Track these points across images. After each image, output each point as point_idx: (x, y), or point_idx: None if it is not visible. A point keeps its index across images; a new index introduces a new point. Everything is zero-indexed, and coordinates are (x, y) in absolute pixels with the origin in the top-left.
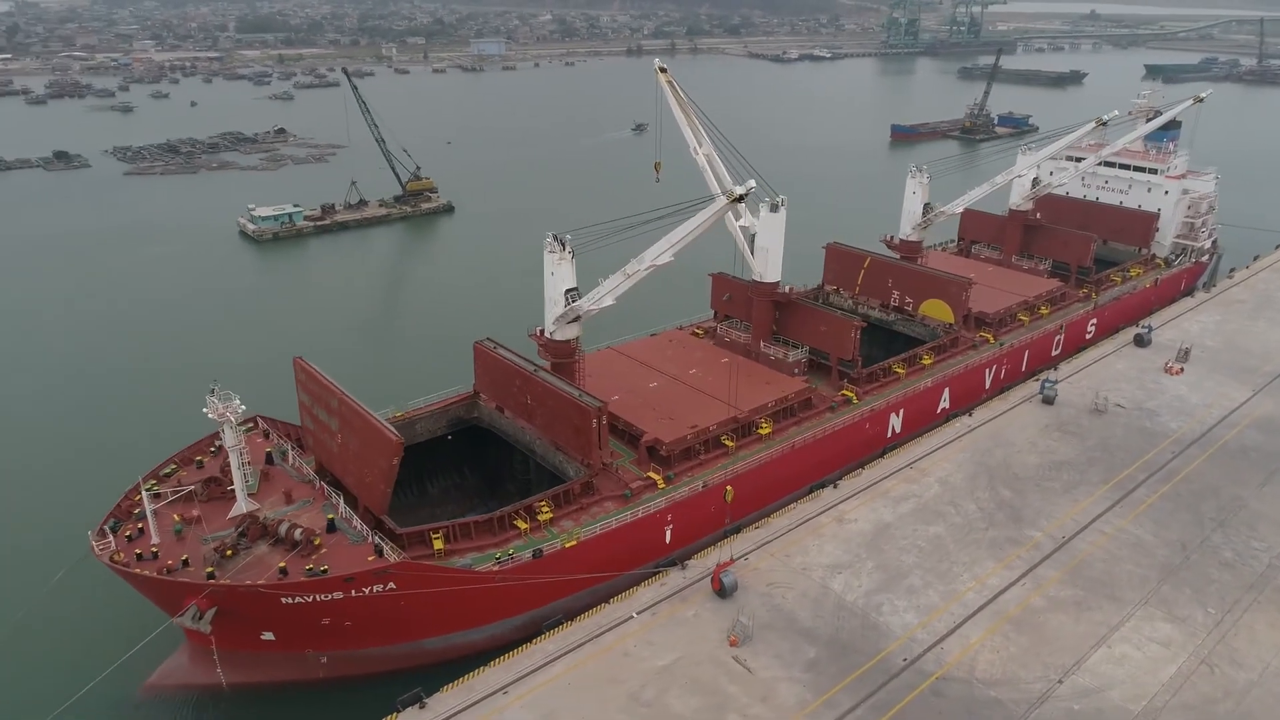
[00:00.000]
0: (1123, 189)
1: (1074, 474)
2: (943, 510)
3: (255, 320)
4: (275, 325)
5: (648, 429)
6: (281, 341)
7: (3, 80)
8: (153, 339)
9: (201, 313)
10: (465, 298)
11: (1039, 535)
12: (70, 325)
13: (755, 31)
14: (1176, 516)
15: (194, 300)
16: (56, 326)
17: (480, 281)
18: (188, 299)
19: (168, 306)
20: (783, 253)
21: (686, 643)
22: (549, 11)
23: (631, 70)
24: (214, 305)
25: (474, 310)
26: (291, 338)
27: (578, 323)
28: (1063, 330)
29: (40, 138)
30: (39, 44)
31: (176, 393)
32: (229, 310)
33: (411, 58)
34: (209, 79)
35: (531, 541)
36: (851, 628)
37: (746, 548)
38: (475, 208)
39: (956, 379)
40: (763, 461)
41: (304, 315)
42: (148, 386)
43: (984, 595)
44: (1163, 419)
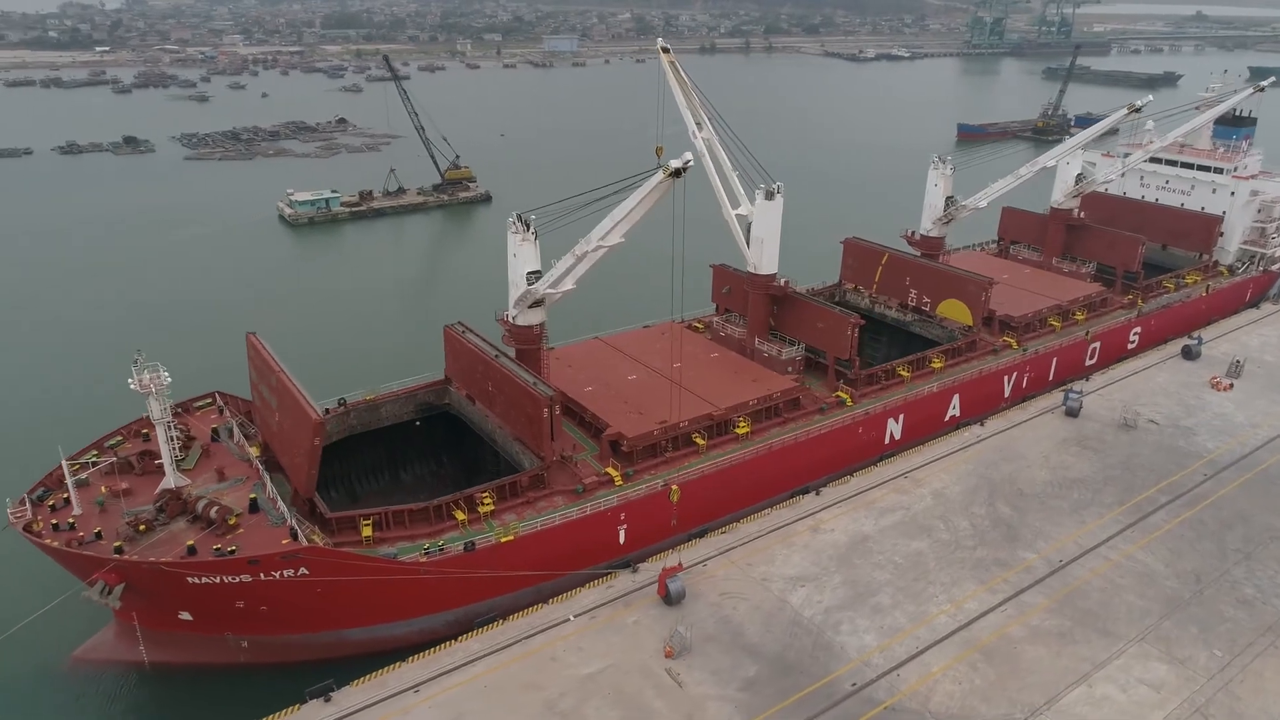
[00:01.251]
0: (1184, 189)
1: (1086, 493)
2: (930, 525)
3: (267, 299)
4: (287, 304)
5: (612, 422)
6: (289, 320)
7: (97, 71)
8: (157, 313)
9: (216, 291)
10: (485, 285)
11: (1033, 558)
12: (82, 299)
13: (835, 31)
14: (1196, 545)
15: (213, 278)
16: (66, 300)
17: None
18: (208, 277)
19: (186, 283)
20: (779, 243)
21: (620, 651)
22: (629, 10)
23: (703, 67)
24: (230, 284)
25: (490, 297)
26: (301, 318)
27: (541, 307)
28: (1095, 338)
29: (117, 124)
30: (137, 38)
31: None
32: (245, 288)
33: (484, 54)
34: (286, 72)
35: (468, 533)
36: (802, 646)
37: (707, 553)
38: (514, 197)
39: (968, 385)
40: (735, 462)
41: (320, 296)
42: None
43: (957, 620)
44: (1199, 438)
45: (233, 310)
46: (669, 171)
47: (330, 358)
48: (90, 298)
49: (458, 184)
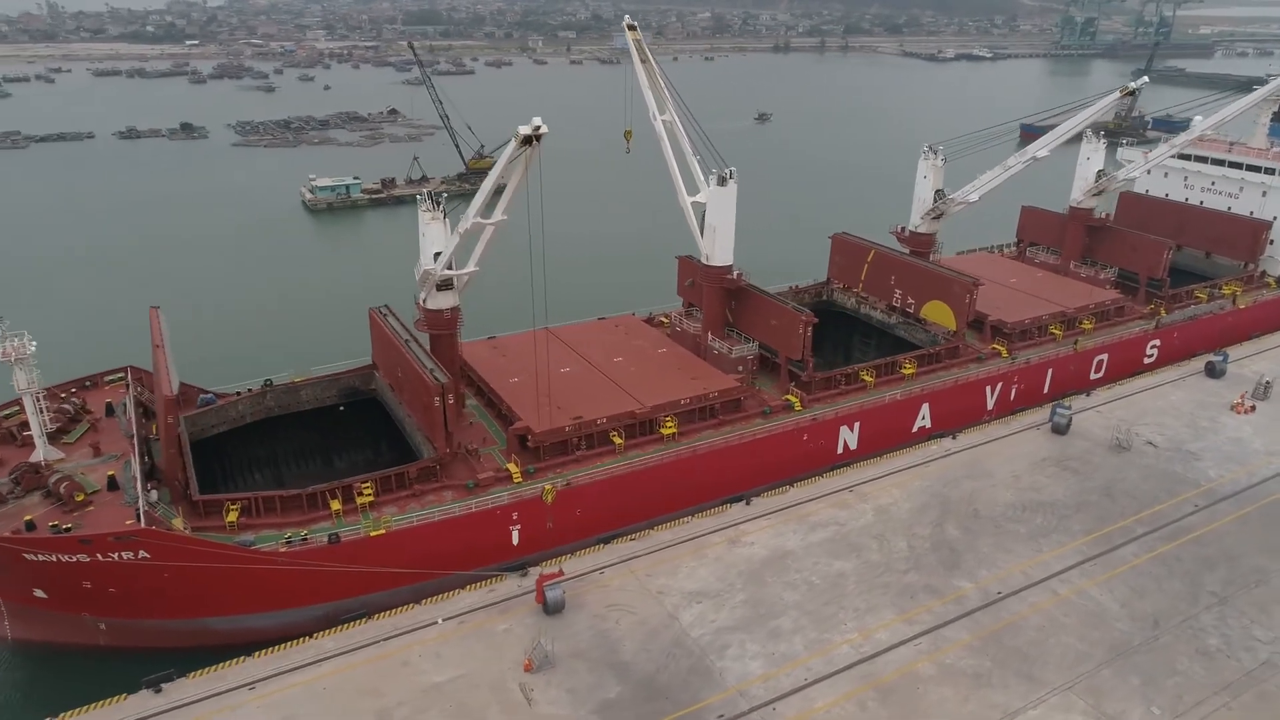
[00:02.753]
0: (1232, 192)
1: (1051, 519)
2: (863, 544)
3: (265, 276)
4: (280, 284)
5: (524, 416)
6: (276, 300)
7: (181, 63)
8: (151, 286)
9: (218, 268)
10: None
11: (968, 587)
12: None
13: (918, 31)
14: (1164, 585)
15: (221, 256)
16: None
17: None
18: (215, 254)
19: (191, 259)
20: (734, 232)
21: (478, 660)
22: (709, 9)
23: (771, 65)
24: (235, 261)
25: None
26: (287, 298)
27: (451, 291)
28: (1101, 349)
29: (184, 111)
30: (226, 33)
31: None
32: (246, 267)
33: (555, 50)
34: (358, 66)
35: (340, 524)
36: (678, 669)
37: (607, 560)
38: (535, 189)
39: (941, 394)
40: (652, 465)
41: (313, 277)
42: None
43: (861, 652)
44: (1201, 464)
45: (208, 290)
46: (519, 138)
47: (281, 337)
48: (83, 275)
49: (481, 174)
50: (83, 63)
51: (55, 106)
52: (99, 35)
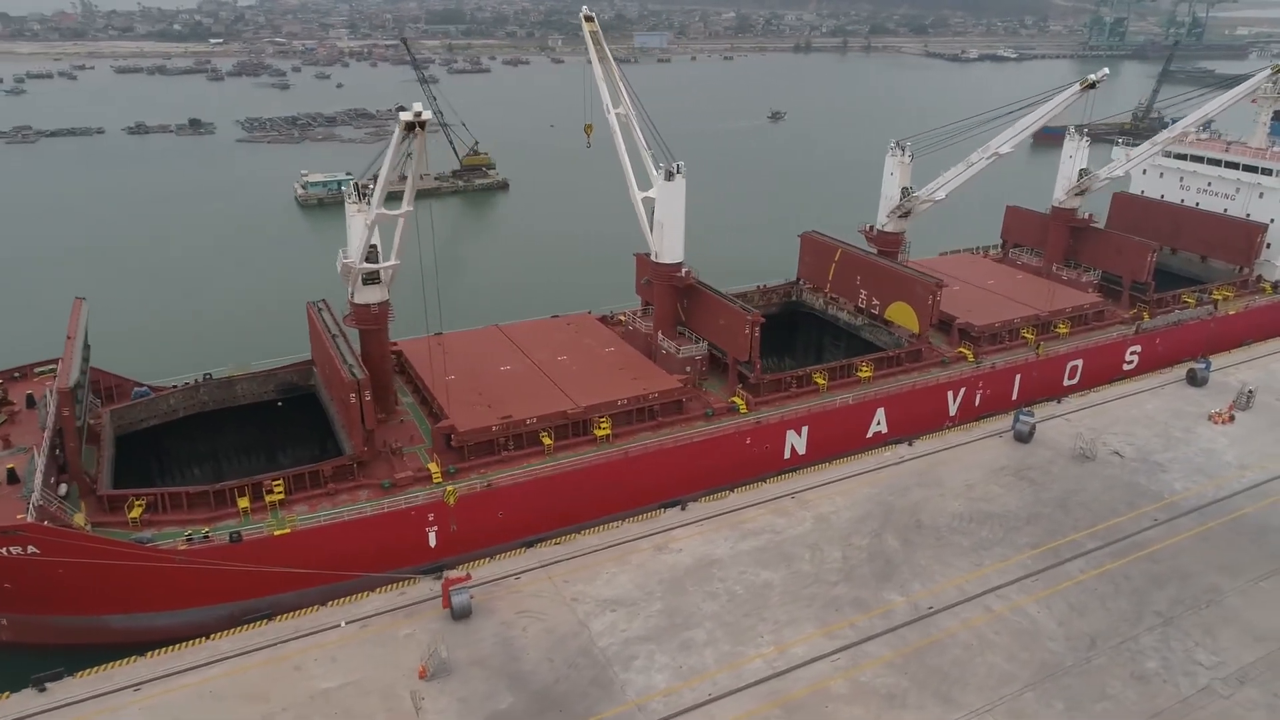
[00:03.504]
0: (1228, 193)
1: (998, 531)
2: (795, 553)
3: (245, 270)
4: (258, 277)
5: (452, 414)
6: (250, 293)
7: (202, 61)
8: (124, 279)
9: (197, 261)
10: (457, 271)
11: (899, 601)
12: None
13: (945, 31)
14: (1108, 603)
15: (203, 250)
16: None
17: (491, 256)
18: (197, 248)
19: (172, 252)
20: (684, 228)
21: (373, 666)
22: (733, 9)
23: (791, 65)
24: (216, 254)
25: (457, 283)
26: (261, 292)
27: (379, 285)
28: (1076, 354)
29: (195, 108)
30: (251, 32)
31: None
32: (227, 260)
33: (575, 50)
34: (375, 64)
35: (246, 522)
36: (578, 680)
37: (527, 565)
38: (533, 185)
39: (899, 399)
40: (581, 467)
41: (291, 271)
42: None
43: (774, 666)
44: (1168, 476)
45: (182, 283)
46: (403, 125)
47: (247, 331)
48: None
49: (475, 170)
50: (107, 60)
51: (71, 102)
52: (127, 34)
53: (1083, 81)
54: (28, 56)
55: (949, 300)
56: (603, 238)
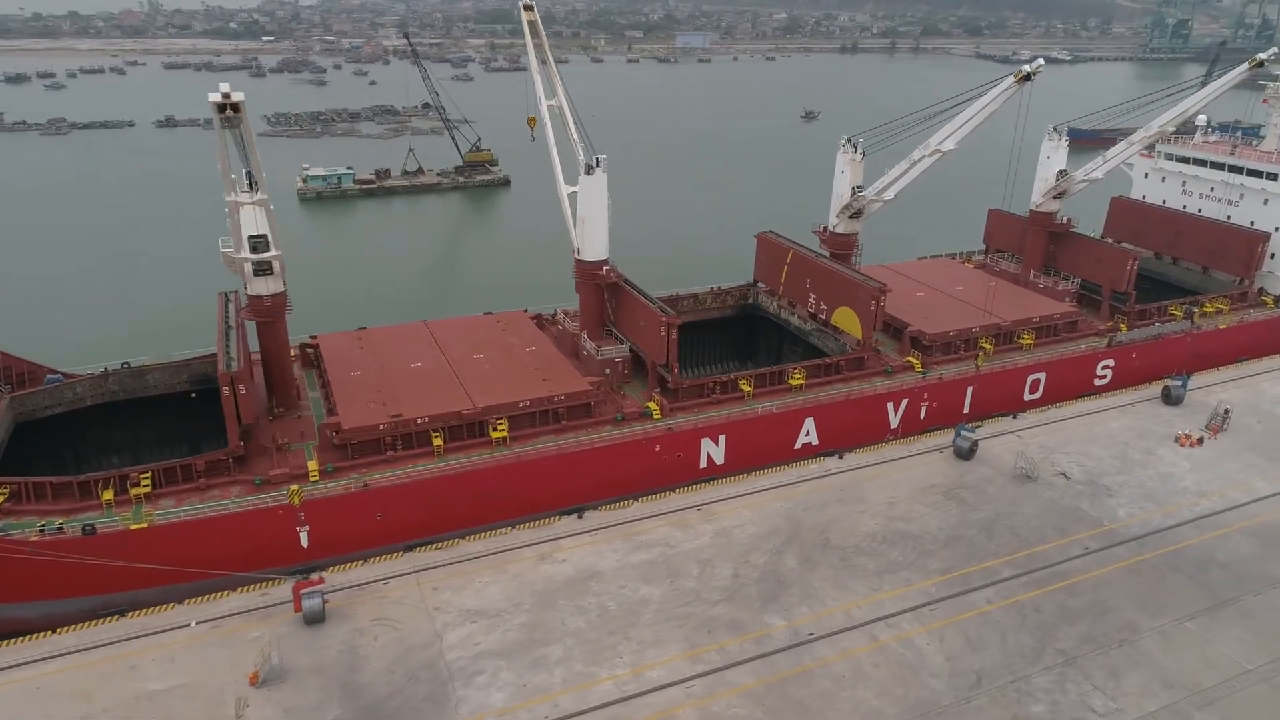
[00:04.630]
0: (1231, 199)
1: (909, 554)
2: (684, 569)
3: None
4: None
5: (342, 411)
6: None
7: (249, 58)
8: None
9: (179, 248)
10: (442, 266)
11: (779, 625)
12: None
13: (1003, 33)
14: (1009, 637)
15: (188, 237)
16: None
17: (481, 252)
18: (184, 235)
19: (157, 240)
20: (607, 224)
21: (208, 669)
22: (785, 10)
23: (835, 66)
24: (198, 242)
25: (440, 277)
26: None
27: (272, 276)
28: (1034, 366)
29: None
30: (304, 30)
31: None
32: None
33: (616, 49)
34: (415, 62)
35: (108, 515)
36: (413, 695)
37: (400, 570)
38: (535, 182)
39: (830, 409)
40: (469, 470)
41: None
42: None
43: (623, 690)
44: (1113, 501)
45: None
46: (216, 108)
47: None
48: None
49: (477, 167)
50: (160, 57)
51: (111, 97)
52: (185, 31)
53: (1017, 74)
54: (86, 53)
55: (906, 306)
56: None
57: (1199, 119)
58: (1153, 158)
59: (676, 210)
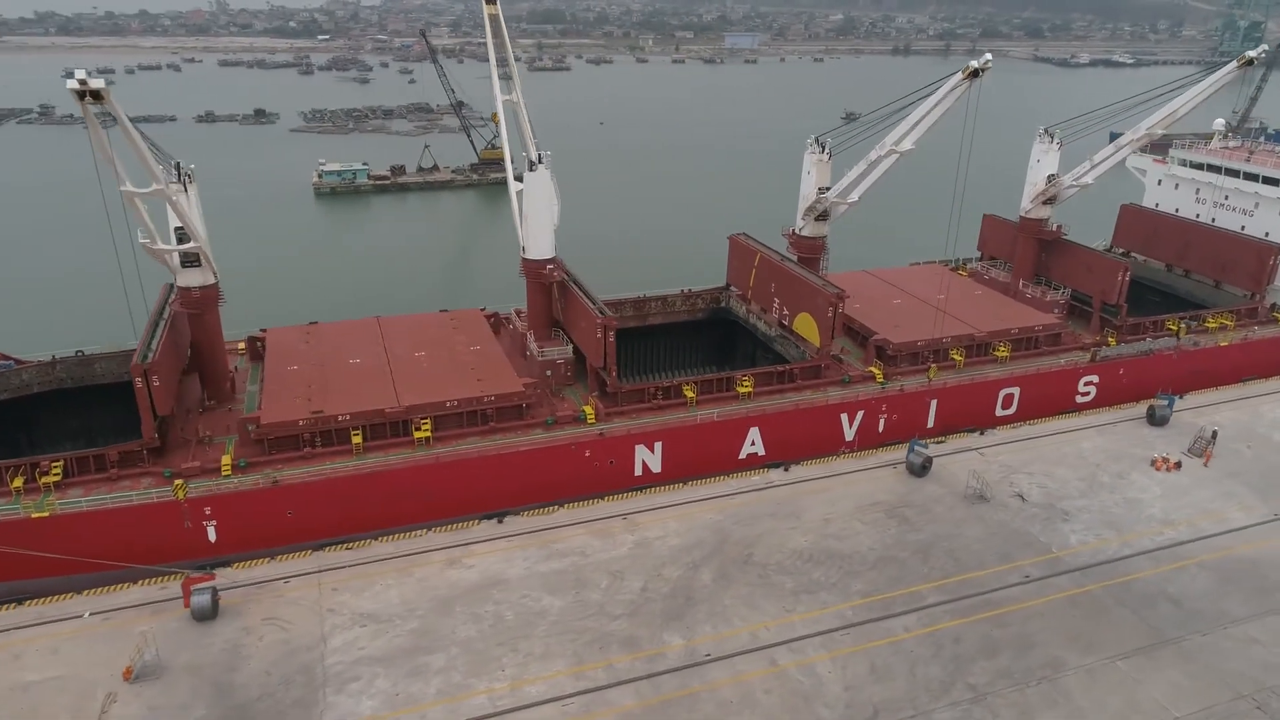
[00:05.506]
0: (1246, 208)
1: (833, 574)
2: (592, 580)
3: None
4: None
5: (267, 406)
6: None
7: (301, 56)
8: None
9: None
10: (435, 264)
11: (677, 644)
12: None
13: (1066, 35)
14: (919, 669)
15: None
16: None
17: (484, 248)
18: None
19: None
20: (551, 222)
21: (89, 662)
22: (842, 11)
23: (884, 68)
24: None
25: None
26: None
27: (200, 268)
28: (1006, 382)
29: (275, 99)
30: (359, 29)
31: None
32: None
33: (664, 49)
34: (462, 60)
35: (14, 502)
36: (283, 699)
37: (304, 569)
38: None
39: (777, 419)
40: (386, 470)
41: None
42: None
43: (497, 705)
44: (1068, 526)
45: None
46: (75, 95)
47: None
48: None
49: (493, 164)
50: (218, 55)
51: (162, 92)
52: (246, 30)
53: (965, 69)
54: (149, 50)
55: (878, 314)
56: (603, 234)
57: (1216, 123)
58: (1166, 163)
59: (692, 209)
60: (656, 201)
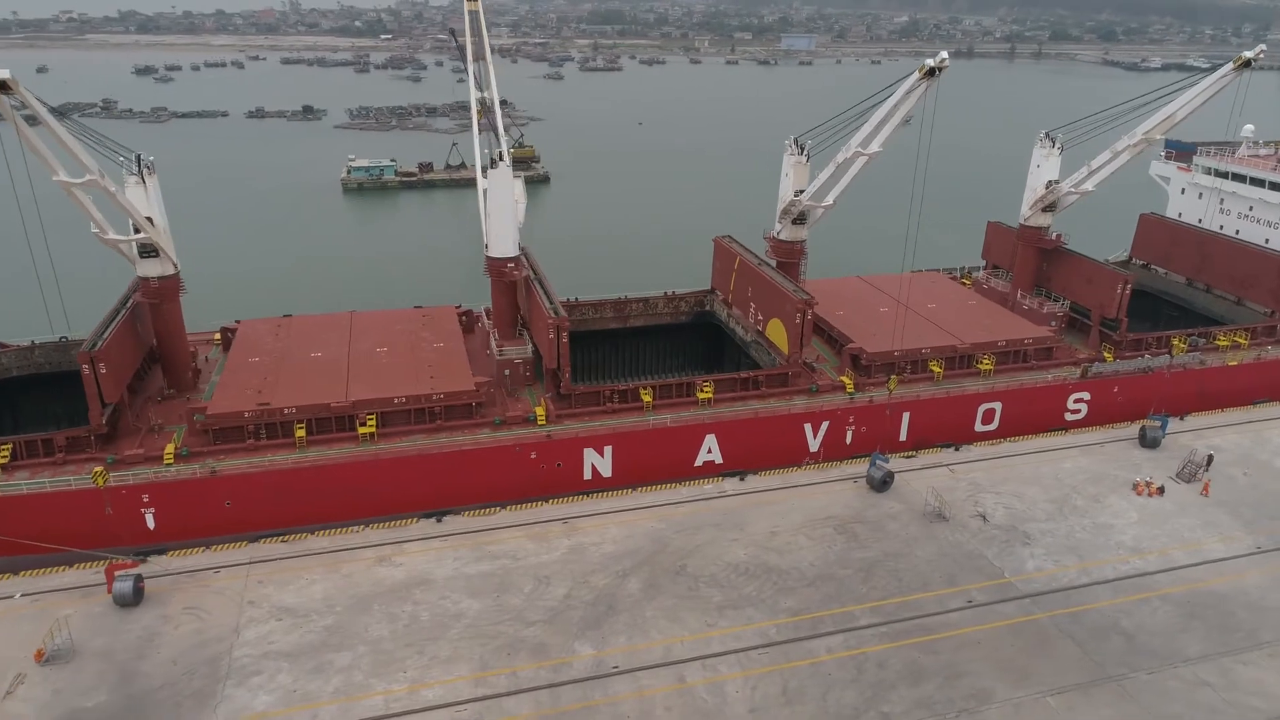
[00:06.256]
0: (1272, 220)
1: (766, 590)
2: (517, 585)
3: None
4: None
5: (218, 398)
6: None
7: (361, 54)
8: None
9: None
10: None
11: (587, 655)
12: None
13: (1142, 38)
14: (832, 694)
15: (209, 219)
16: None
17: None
18: (206, 218)
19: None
20: (515, 220)
21: (7, 641)
22: (907, 14)
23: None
24: (219, 223)
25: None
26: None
27: (158, 259)
28: (985, 395)
29: (321, 95)
30: (421, 29)
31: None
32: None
33: (719, 50)
34: (515, 60)
35: None
36: (183, 689)
37: (236, 560)
38: (574, 181)
39: (734, 427)
40: (326, 464)
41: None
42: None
43: (390, 708)
44: (1027, 551)
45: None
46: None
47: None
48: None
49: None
50: (283, 53)
51: (222, 88)
52: (314, 29)
53: (921, 68)
54: (219, 48)
55: (860, 322)
56: (624, 234)
57: (1245, 129)
58: (1190, 170)
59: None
60: (674, 203)
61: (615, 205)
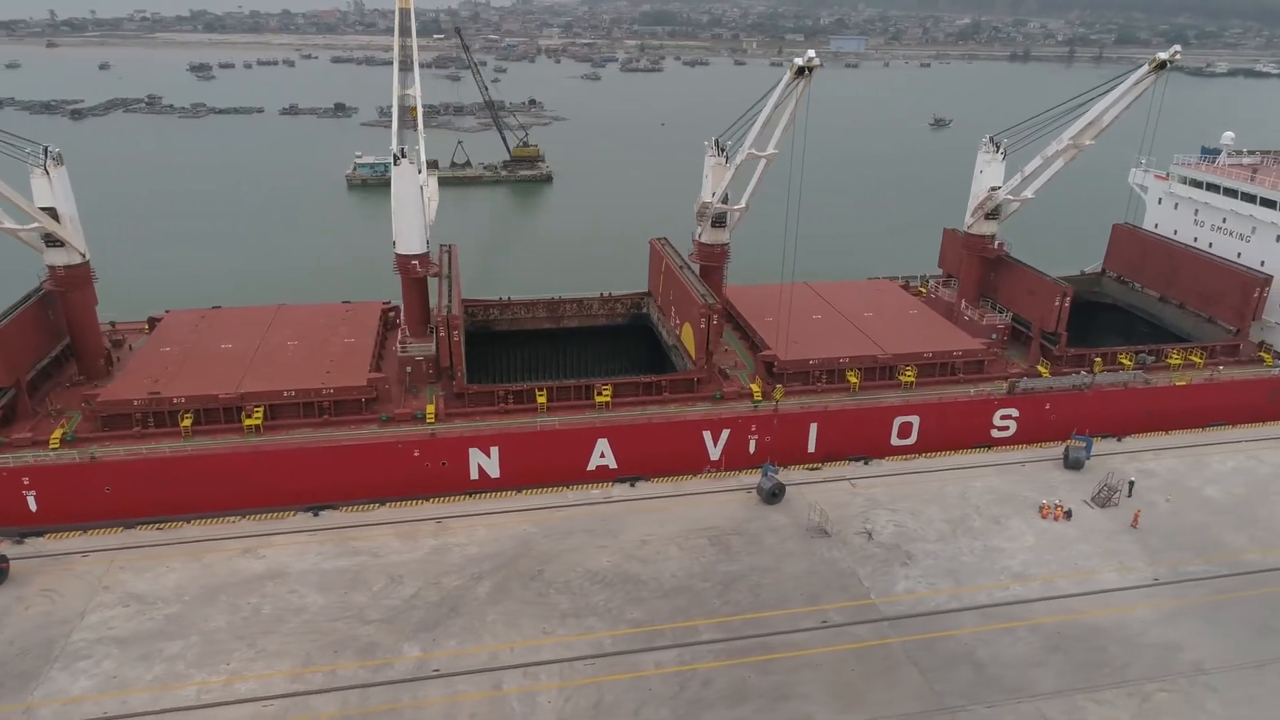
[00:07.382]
0: (1243, 232)
1: (615, 599)
2: (368, 582)
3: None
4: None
5: (115, 386)
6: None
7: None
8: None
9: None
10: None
11: (413, 656)
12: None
13: (1214, 43)
14: (647, 710)
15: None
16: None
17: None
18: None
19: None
20: (422, 217)
21: None
22: (970, 16)
23: (996, 75)
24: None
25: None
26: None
27: (64, 248)
28: (900, 408)
29: (357, 93)
30: (475, 28)
31: None
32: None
33: (765, 53)
34: (559, 60)
35: None
36: (10, 670)
37: (107, 545)
38: (578, 181)
39: (627, 432)
40: (200, 455)
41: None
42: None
43: (201, 699)
44: (900, 572)
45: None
46: None
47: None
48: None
49: (523, 162)
50: (335, 52)
51: (267, 85)
52: (371, 29)
53: (792, 68)
54: (277, 46)
55: (783, 329)
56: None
57: (1225, 136)
58: (1167, 179)
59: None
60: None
61: (615, 205)
